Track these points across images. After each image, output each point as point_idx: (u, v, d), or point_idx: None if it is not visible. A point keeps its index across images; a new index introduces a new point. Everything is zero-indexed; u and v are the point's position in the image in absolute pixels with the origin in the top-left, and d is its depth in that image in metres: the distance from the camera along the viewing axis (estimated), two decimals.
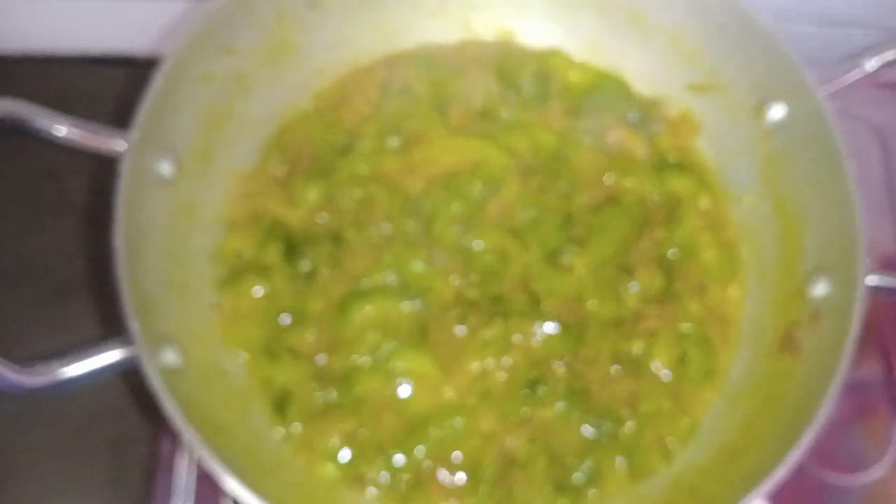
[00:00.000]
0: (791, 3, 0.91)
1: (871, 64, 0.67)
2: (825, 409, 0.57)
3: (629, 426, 0.68)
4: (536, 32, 0.81)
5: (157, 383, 0.56)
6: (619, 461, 0.68)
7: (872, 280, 0.62)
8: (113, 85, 0.94)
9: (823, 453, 0.75)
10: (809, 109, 0.68)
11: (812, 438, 0.57)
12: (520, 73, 0.80)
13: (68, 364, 0.55)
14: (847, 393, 0.68)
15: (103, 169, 0.64)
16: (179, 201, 0.69)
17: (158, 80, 0.64)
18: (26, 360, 0.55)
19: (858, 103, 0.89)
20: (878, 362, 0.80)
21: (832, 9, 0.93)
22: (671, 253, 0.74)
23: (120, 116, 0.94)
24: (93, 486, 0.79)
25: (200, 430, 0.56)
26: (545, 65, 0.80)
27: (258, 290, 0.71)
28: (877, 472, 0.76)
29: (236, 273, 0.72)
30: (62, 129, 0.61)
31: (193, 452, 0.57)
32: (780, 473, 0.56)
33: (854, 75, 0.68)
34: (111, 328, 0.72)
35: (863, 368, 0.79)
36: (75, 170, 0.89)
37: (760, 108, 0.73)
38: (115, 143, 0.62)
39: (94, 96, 0.94)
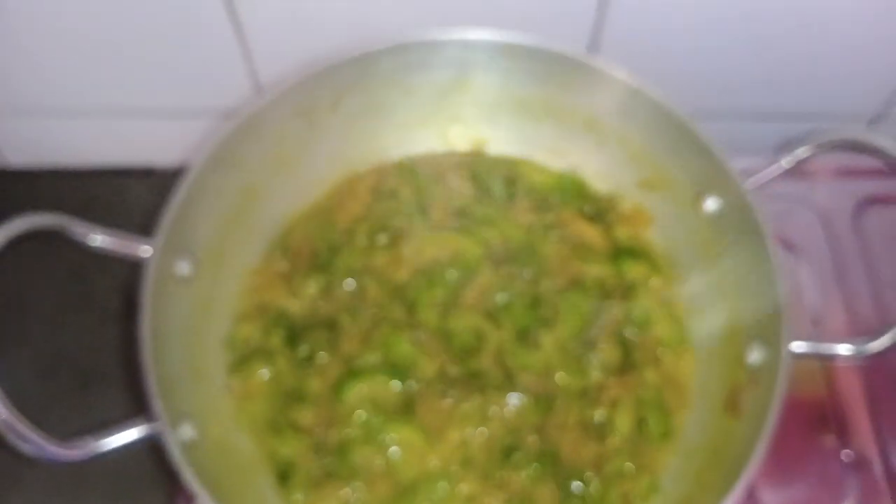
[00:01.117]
0: (727, 100, 0.99)
1: (788, 160, 0.73)
2: (757, 461, 0.62)
3: (595, 486, 0.72)
4: (505, 141, 0.87)
5: (177, 455, 0.61)
6: None
7: (799, 347, 0.67)
8: (131, 193, 1.04)
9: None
10: (738, 201, 0.72)
11: (745, 486, 0.61)
12: (490, 177, 0.85)
13: (102, 438, 0.61)
14: (808, 460, 0.72)
15: (124, 269, 0.69)
16: (196, 296, 0.74)
17: (179, 194, 0.70)
18: (60, 436, 0.61)
19: (803, 188, 0.97)
20: (833, 433, 0.83)
21: (760, 105, 1.01)
22: (628, 329, 0.79)
23: (139, 221, 0.95)
24: None
25: (214, 496, 0.61)
26: (513, 169, 0.85)
27: (264, 373, 0.75)
28: None
29: (245, 358, 0.77)
30: (97, 238, 0.68)
31: None
32: None
33: (773, 171, 0.74)
34: (131, 408, 0.75)
35: (821, 439, 0.83)
36: (99, 270, 0.96)
37: (699, 200, 0.78)
38: (142, 249, 0.68)
39: (116, 204, 1.03)
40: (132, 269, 0.69)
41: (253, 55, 0.90)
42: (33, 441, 0.58)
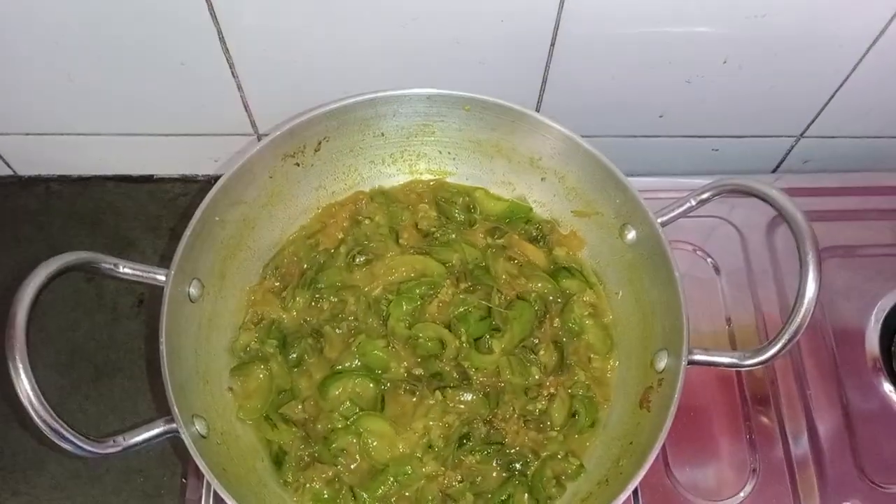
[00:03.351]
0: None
1: (692, 202, 0.79)
2: (657, 448, 0.69)
3: (533, 467, 0.79)
4: (464, 174, 0.93)
5: (192, 448, 0.67)
6: (526, 494, 0.77)
7: (694, 357, 0.74)
8: (135, 198, 1.07)
9: (696, 485, 0.85)
10: (650, 233, 0.79)
11: (646, 470, 0.69)
12: (452, 204, 0.90)
13: (129, 437, 0.68)
14: (717, 437, 0.78)
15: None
16: (203, 313, 0.79)
17: (189, 230, 0.75)
18: (76, 423, 0.64)
19: (723, 209, 1.03)
20: (739, 414, 0.90)
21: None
22: (564, 336, 0.84)
23: (144, 224, 1.01)
24: None
25: (222, 480, 0.68)
26: (471, 197, 0.91)
27: (261, 375, 0.81)
28: (740, 498, 0.86)
29: (245, 362, 0.82)
30: (122, 268, 0.73)
31: (219, 497, 0.68)
32: (625, 495, 0.69)
33: (685, 209, 0.80)
34: (142, 398, 0.82)
35: (729, 419, 0.89)
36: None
37: (622, 229, 0.84)
38: (159, 276, 0.73)
39: (123, 209, 1.06)
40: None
41: (246, 90, 0.93)
42: (71, 440, 0.62)
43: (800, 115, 1.03)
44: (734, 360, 0.73)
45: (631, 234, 0.83)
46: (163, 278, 0.73)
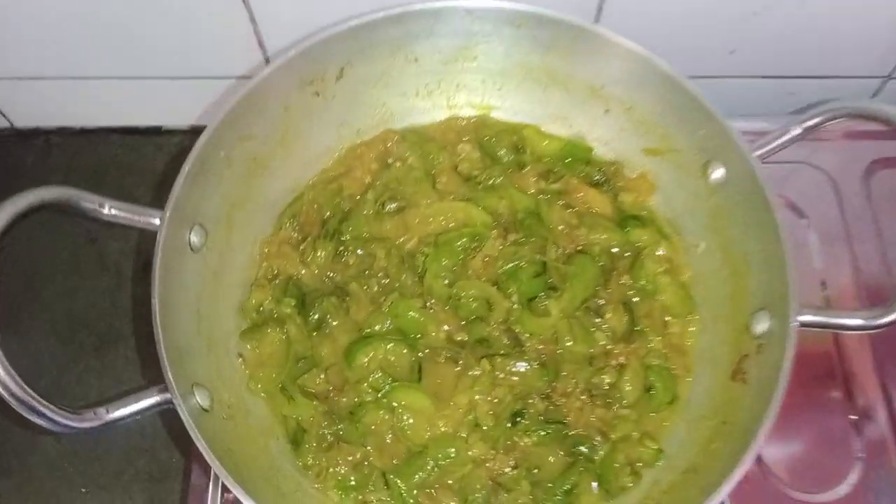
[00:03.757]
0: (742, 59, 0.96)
1: (796, 129, 0.70)
2: (766, 430, 0.60)
3: (602, 452, 0.71)
4: (511, 109, 0.86)
5: (189, 423, 0.60)
6: (594, 483, 0.70)
7: (807, 318, 0.64)
8: (141, 153, 1.01)
9: (791, 474, 0.77)
10: (743, 170, 0.71)
11: (754, 455, 0.60)
12: (498, 144, 0.83)
13: (113, 409, 0.59)
14: (814, 418, 0.68)
15: (138, 231, 0.67)
16: (207, 266, 0.73)
17: (188, 165, 0.68)
18: (75, 398, 0.59)
19: (812, 150, 0.93)
20: (840, 391, 0.81)
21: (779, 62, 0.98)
22: (635, 296, 0.77)
23: (150, 181, 0.96)
24: None
25: (226, 462, 0.60)
26: (519, 136, 0.84)
27: (276, 339, 0.74)
28: (842, 491, 0.77)
29: (257, 325, 0.76)
30: (108, 210, 0.65)
31: (221, 482, 0.60)
32: (730, 487, 0.59)
33: (787, 138, 0.71)
34: (147, 370, 0.75)
35: (828, 396, 0.81)
36: (112, 232, 0.95)
37: (705, 168, 0.76)
38: (153, 219, 0.66)
39: (127, 164, 1.00)
40: (146, 232, 0.66)
41: (259, 21, 0.86)
42: (45, 414, 0.56)
43: (887, 53, 0.93)
44: (859, 322, 0.64)
45: (717, 173, 0.75)
46: (157, 222, 0.66)
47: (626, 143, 0.83)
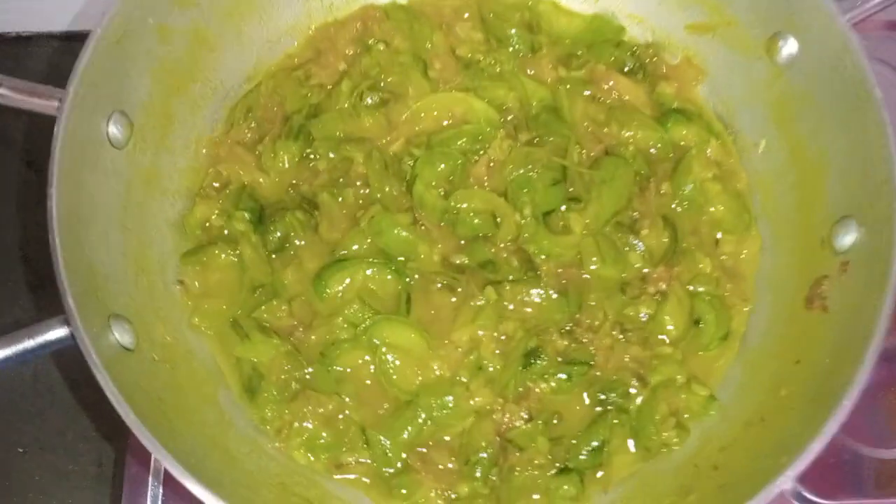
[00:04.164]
0: None
1: None
2: (864, 371, 0.50)
3: (639, 400, 0.64)
4: None
5: (97, 363, 0.50)
6: (631, 440, 0.63)
7: None
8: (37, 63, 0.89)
9: (859, 427, 0.68)
10: (827, 41, 0.62)
11: (851, 405, 0.49)
12: (505, 22, 0.76)
13: None
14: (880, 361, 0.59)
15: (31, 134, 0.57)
16: (136, 168, 0.64)
17: (102, 32, 0.58)
18: None
19: (879, 46, 0.81)
20: None
21: None
22: (678, 207, 0.70)
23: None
24: (78, 479, 0.77)
25: (154, 420, 0.51)
26: (532, 11, 0.77)
27: (226, 263, 0.66)
28: None
29: (202, 245, 0.68)
30: None
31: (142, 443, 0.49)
32: (817, 446, 0.49)
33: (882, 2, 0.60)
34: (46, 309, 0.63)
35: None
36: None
37: (770, 44, 0.68)
38: (50, 101, 0.56)
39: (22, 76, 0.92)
40: (40, 133, 0.57)
41: None
42: None
43: None
44: None
45: (789, 49, 0.66)
46: (55, 104, 0.56)
47: (665, 18, 0.75)
